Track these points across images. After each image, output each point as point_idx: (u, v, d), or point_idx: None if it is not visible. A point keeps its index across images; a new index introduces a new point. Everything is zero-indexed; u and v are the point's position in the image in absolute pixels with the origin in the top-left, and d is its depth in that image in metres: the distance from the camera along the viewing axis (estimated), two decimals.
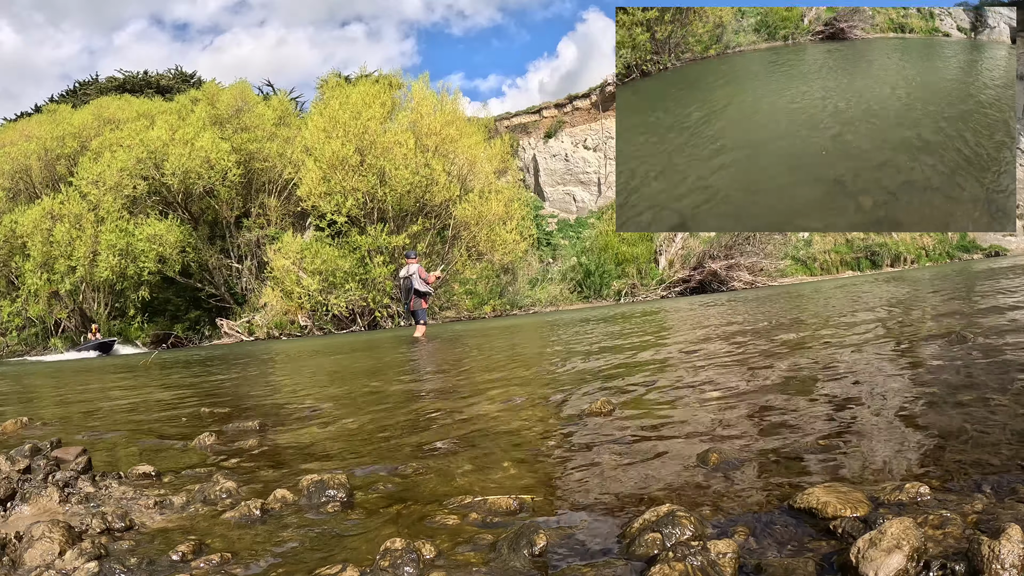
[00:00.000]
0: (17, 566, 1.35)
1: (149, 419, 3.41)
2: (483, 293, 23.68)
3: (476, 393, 3.32)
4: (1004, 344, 2.98)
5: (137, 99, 29.54)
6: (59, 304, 23.90)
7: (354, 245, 20.65)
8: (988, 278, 9.15)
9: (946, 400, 2.07)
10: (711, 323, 7.10)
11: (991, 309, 4.82)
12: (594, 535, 1.31)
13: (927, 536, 1.07)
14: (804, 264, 32.76)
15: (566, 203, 38.73)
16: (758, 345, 4.23)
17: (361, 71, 27.94)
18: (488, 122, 29.93)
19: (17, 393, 6.20)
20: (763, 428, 2.01)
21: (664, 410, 2.43)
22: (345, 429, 2.64)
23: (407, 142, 20.92)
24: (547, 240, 34.64)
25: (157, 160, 23.19)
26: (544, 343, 6.96)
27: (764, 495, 1.43)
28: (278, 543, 1.41)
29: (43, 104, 35.30)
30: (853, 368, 2.86)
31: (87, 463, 2.04)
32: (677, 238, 28.24)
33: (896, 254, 33.23)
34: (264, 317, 22.23)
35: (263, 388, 4.84)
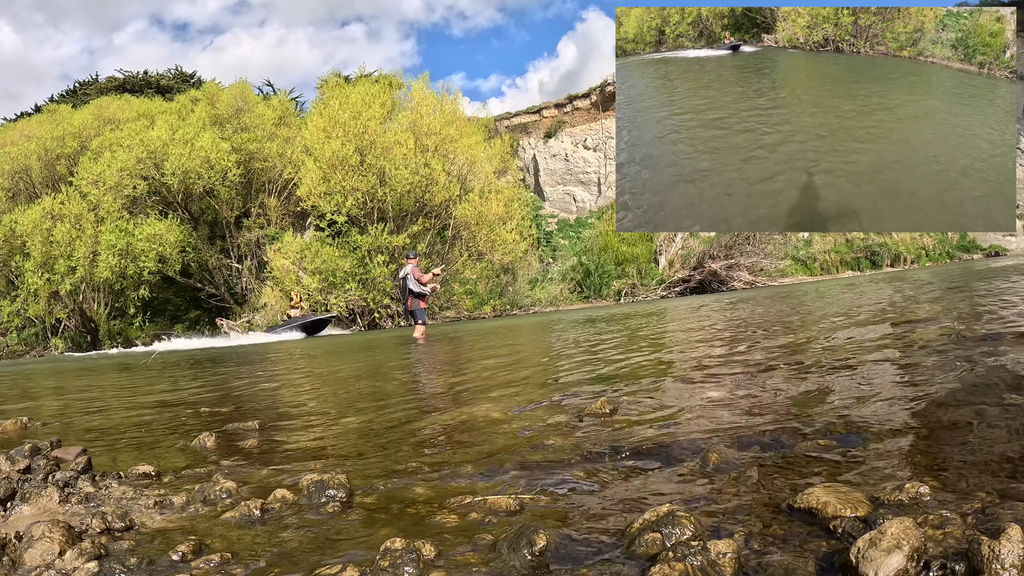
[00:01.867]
0: (17, 566, 1.35)
1: (149, 419, 3.41)
2: (483, 293, 23.69)
3: (476, 393, 3.32)
4: (1004, 344, 2.98)
5: (137, 99, 29.55)
6: (59, 304, 23.91)
7: (354, 245, 20.65)
8: (988, 278, 9.15)
9: (946, 400, 2.07)
10: (711, 323, 7.10)
11: (991, 309, 4.82)
12: (594, 535, 1.31)
13: (927, 536, 1.07)
14: (804, 264, 32.76)
15: (566, 203, 38.72)
16: (758, 345, 4.23)
17: (360, 71, 27.98)
18: (488, 122, 29.92)
19: (17, 392, 6.21)
20: (763, 428, 2.01)
21: (664, 410, 2.43)
22: (345, 429, 2.64)
23: (407, 142, 20.93)
24: (547, 240, 34.66)
25: (157, 160, 23.20)
26: (544, 343, 6.96)
27: (764, 495, 1.43)
28: (278, 543, 1.41)
29: (43, 104, 35.31)
30: (853, 368, 2.86)
31: (87, 463, 2.04)
32: (677, 238, 28.25)
33: (896, 254, 33.21)
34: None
35: (263, 388, 4.84)
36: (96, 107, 27.72)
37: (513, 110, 41.04)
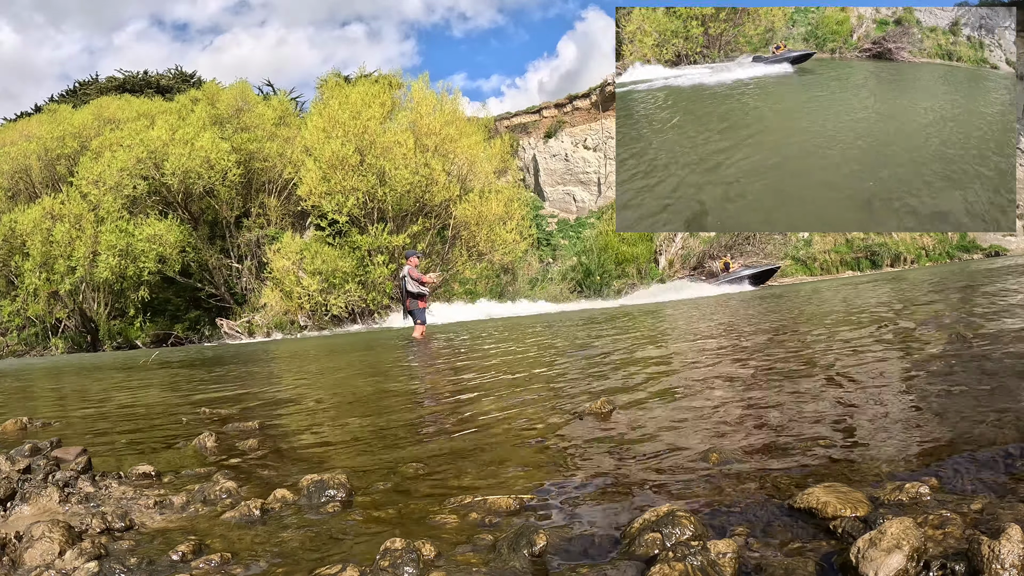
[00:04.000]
0: (17, 566, 1.35)
1: (149, 418, 3.41)
2: (483, 293, 23.69)
3: (475, 392, 3.32)
4: (1004, 344, 2.98)
5: (137, 99, 29.53)
6: (59, 304, 23.91)
7: (354, 245, 20.66)
8: (988, 278, 9.15)
9: (946, 400, 2.07)
10: (710, 323, 7.09)
11: (991, 309, 4.82)
12: (594, 535, 1.31)
13: (927, 536, 1.07)
14: (804, 264, 32.74)
15: (566, 203, 38.71)
16: (758, 345, 4.23)
17: (361, 71, 27.94)
18: (488, 122, 29.90)
19: (17, 392, 6.21)
20: (763, 428, 2.01)
21: (664, 409, 2.43)
22: (344, 429, 2.64)
23: (407, 142, 20.92)
24: (547, 240, 34.64)
25: (157, 160, 23.19)
26: (543, 343, 6.95)
27: (764, 495, 1.43)
28: (278, 543, 1.41)
29: (43, 104, 35.30)
30: (853, 368, 2.86)
31: (87, 463, 2.04)
32: (677, 238, 28.27)
33: (896, 254, 33.18)
34: (264, 317, 22.24)
35: (263, 388, 4.84)
36: (96, 107, 27.72)
37: (513, 110, 41.00)
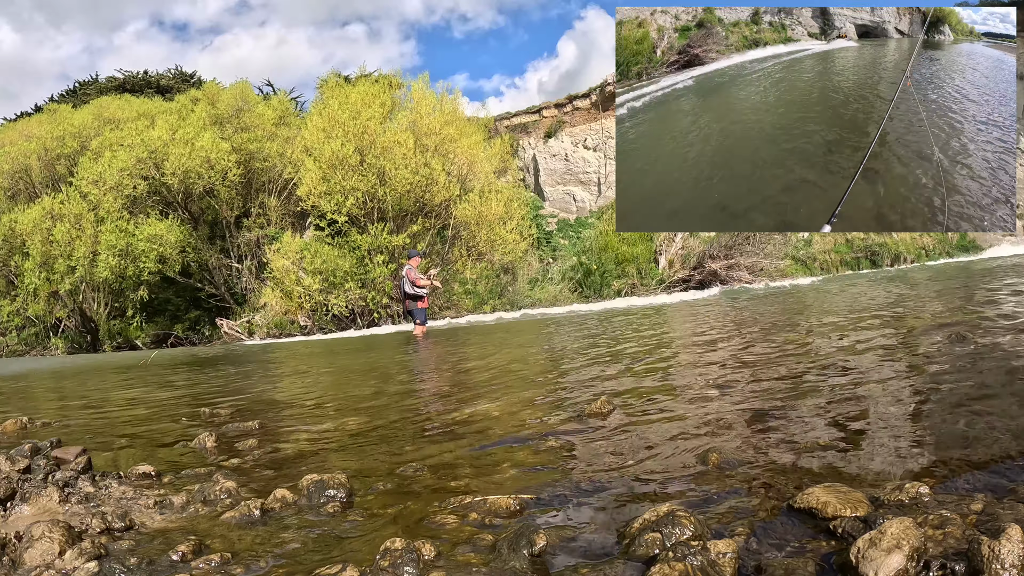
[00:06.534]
0: (17, 566, 1.35)
1: (149, 419, 3.41)
2: (483, 293, 23.68)
3: (475, 393, 3.32)
4: (1004, 344, 2.98)
5: (137, 99, 29.53)
6: (59, 304, 23.90)
7: (355, 244, 20.67)
8: (988, 278, 9.15)
9: (946, 400, 2.06)
10: (709, 323, 7.09)
11: (990, 309, 4.82)
12: (594, 535, 1.31)
13: (927, 536, 1.06)
14: (804, 264, 32.73)
15: (566, 203, 38.70)
16: (757, 345, 4.23)
17: (361, 71, 27.95)
18: (488, 122, 29.90)
19: (17, 392, 6.20)
20: (763, 428, 2.01)
21: (664, 410, 2.43)
22: (344, 429, 2.64)
23: (407, 142, 20.92)
24: (547, 240, 34.63)
25: (157, 160, 23.20)
26: (543, 343, 6.95)
27: (764, 495, 1.43)
28: (278, 543, 1.41)
29: (43, 104, 35.23)
30: (853, 368, 2.86)
31: (87, 463, 2.04)
32: (677, 238, 28.27)
33: (896, 254, 33.18)
34: (264, 317, 22.24)
35: (263, 388, 4.84)
36: (96, 107, 27.72)
37: (513, 110, 40.97)
